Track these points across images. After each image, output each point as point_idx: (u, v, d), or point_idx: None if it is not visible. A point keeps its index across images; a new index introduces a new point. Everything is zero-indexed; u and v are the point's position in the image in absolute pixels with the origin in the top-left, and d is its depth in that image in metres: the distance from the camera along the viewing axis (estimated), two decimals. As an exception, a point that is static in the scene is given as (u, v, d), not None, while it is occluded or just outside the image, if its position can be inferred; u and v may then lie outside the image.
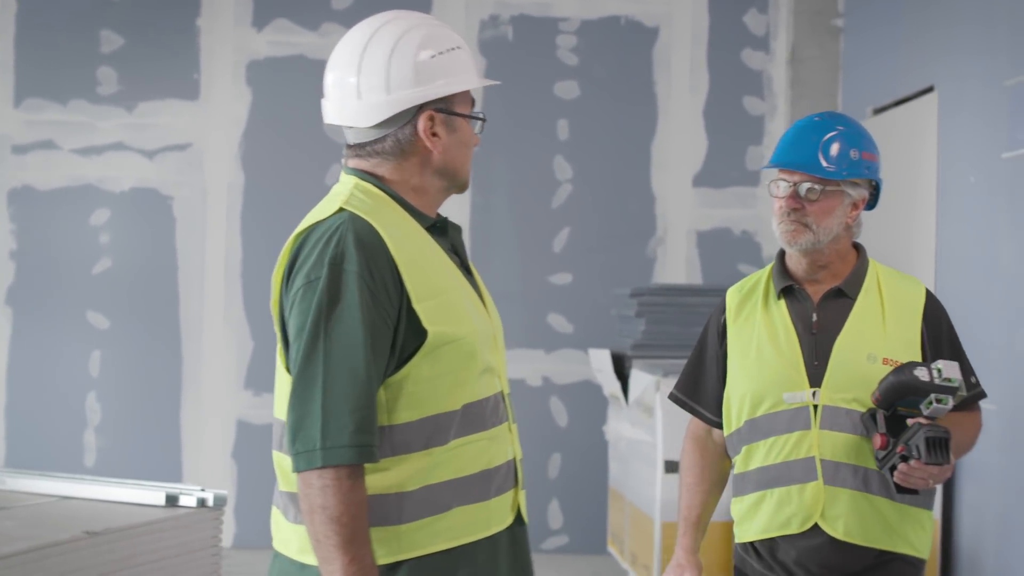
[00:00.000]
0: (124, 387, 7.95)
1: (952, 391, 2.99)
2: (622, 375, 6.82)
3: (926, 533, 3.21)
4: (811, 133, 3.24)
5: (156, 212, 7.98)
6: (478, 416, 2.51)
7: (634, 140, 8.02)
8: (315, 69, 7.87)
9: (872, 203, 3.30)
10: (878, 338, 3.19)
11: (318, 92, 2.70)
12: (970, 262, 5.74)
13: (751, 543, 3.27)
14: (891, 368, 3.12)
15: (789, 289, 3.28)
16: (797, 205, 3.19)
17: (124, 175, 8.00)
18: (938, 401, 2.99)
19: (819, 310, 3.24)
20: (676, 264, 8.00)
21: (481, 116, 2.64)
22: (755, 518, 3.23)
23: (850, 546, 3.14)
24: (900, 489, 3.03)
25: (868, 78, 7.30)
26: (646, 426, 6.32)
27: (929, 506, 3.22)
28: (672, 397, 3.49)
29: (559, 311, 7.98)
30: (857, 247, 3.33)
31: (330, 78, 2.59)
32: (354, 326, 2.37)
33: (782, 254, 3.32)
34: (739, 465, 3.30)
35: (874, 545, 3.14)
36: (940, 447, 2.94)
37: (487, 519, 2.52)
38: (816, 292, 3.26)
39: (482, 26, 8.00)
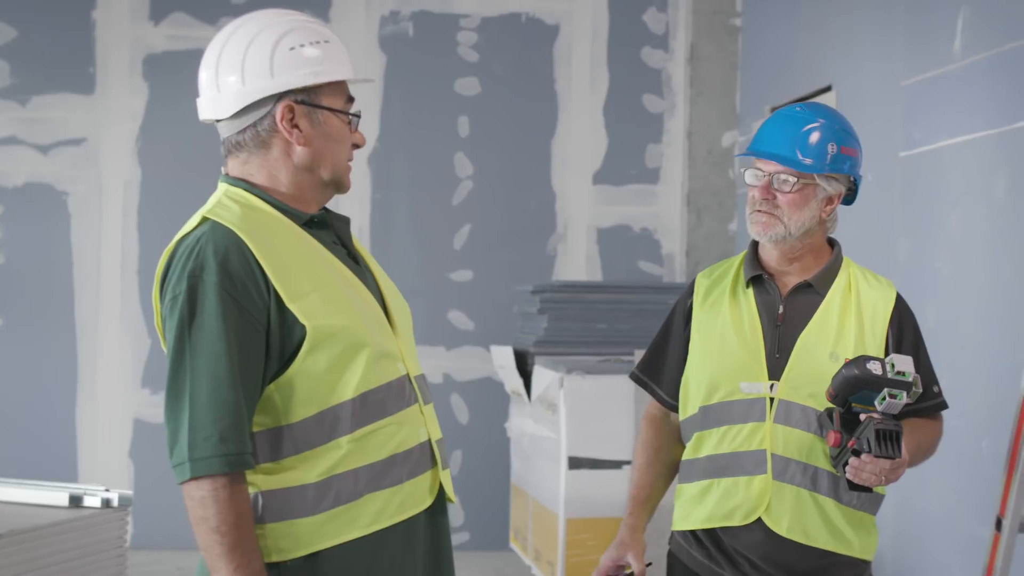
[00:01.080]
0: (18, 386, 7.81)
1: (906, 386, 2.90)
2: (524, 372, 6.83)
3: (871, 536, 3.16)
4: (790, 124, 3.15)
5: (50, 208, 7.85)
6: (379, 403, 2.52)
7: (535, 137, 8.05)
8: (214, 64, 7.85)
9: (850, 198, 3.24)
10: (843, 337, 3.13)
11: (216, 87, 2.68)
12: (867, 259, 5.81)
13: (693, 531, 3.18)
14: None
15: (758, 279, 3.20)
16: (769, 196, 3.10)
17: (17, 170, 7.86)
18: (891, 396, 2.89)
19: (786, 303, 3.16)
20: (577, 261, 8.03)
21: (350, 112, 2.63)
22: (700, 506, 3.16)
23: (792, 543, 3.07)
24: (852, 486, 2.95)
25: (766, 77, 7.39)
26: (549, 422, 6.33)
27: (874, 511, 3.15)
28: (633, 376, 3.41)
29: (460, 308, 7.98)
30: (832, 243, 3.27)
31: (200, 75, 2.62)
32: (215, 337, 2.39)
33: (755, 243, 3.24)
34: (689, 451, 3.22)
35: (815, 544, 3.08)
36: (890, 440, 2.87)
37: (401, 503, 2.53)
38: (785, 284, 3.19)
39: (382, 22, 7.97)
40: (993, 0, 4.86)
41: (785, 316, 3.15)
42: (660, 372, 3.34)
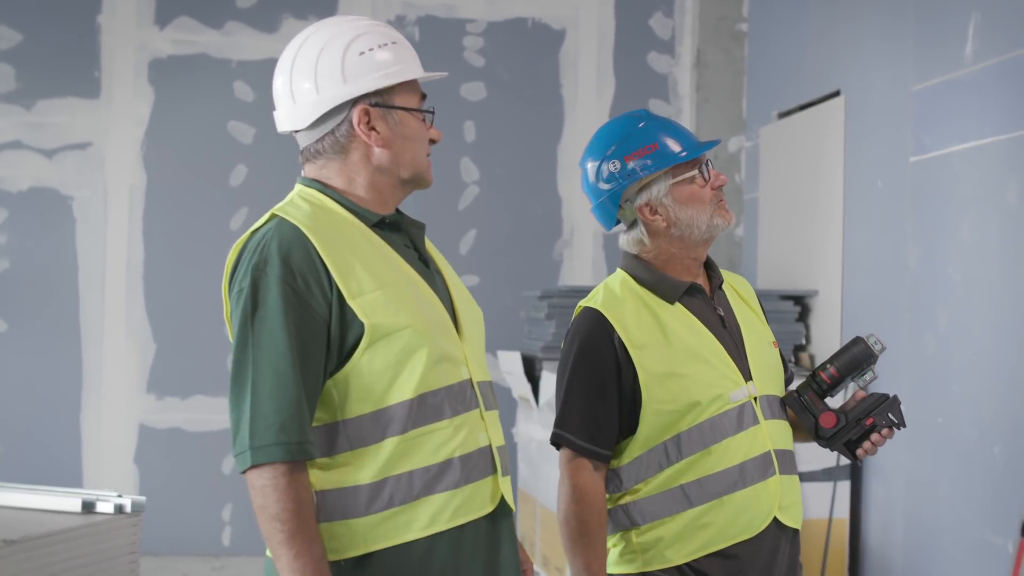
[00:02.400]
0: (23, 391, 7.79)
1: (876, 360, 3.12)
2: (532, 377, 6.82)
3: None
4: (675, 123, 3.18)
5: (56, 213, 7.84)
6: (438, 405, 2.54)
7: (541, 142, 8.04)
8: (219, 68, 7.87)
9: None
10: (761, 324, 3.19)
11: (222, 91, 2.76)
12: (877, 265, 5.82)
13: (687, 564, 3.00)
14: (777, 348, 3.18)
15: (689, 289, 3.09)
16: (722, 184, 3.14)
17: (22, 175, 7.85)
18: (872, 371, 3.10)
19: (718, 303, 3.13)
20: (583, 266, 8.03)
21: (425, 109, 2.67)
22: (697, 534, 3.00)
23: (791, 531, 3.08)
24: (854, 458, 3.12)
25: (773, 82, 7.38)
26: (557, 428, 6.31)
27: None
28: (574, 446, 3.01)
29: (466, 313, 7.96)
30: None
31: (274, 86, 2.68)
32: (277, 329, 2.43)
33: (639, 259, 3.12)
34: (657, 485, 3.02)
35: (798, 526, 3.11)
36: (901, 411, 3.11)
37: (458, 508, 2.54)
38: (707, 287, 3.14)
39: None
40: (1005, 5, 4.85)
41: (725, 317, 3.13)
42: (599, 430, 3.02)
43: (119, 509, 3.87)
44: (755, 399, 3.06)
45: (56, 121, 7.86)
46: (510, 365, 7.04)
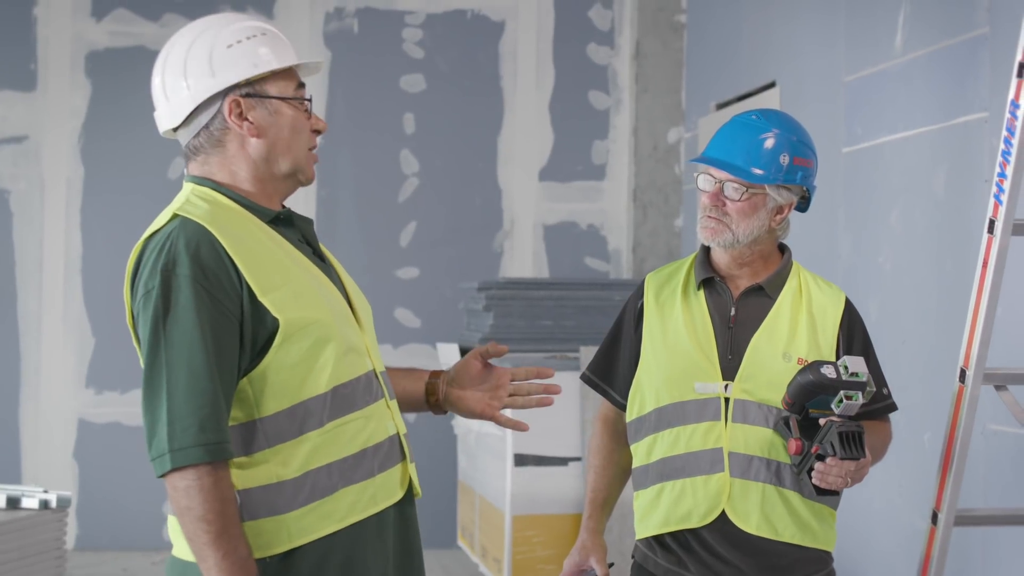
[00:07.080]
0: (-41, 386, 7.74)
1: (860, 386, 2.95)
2: (471, 369, 6.82)
3: (832, 529, 3.18)
4: (744, 132, 3.13)
5: (-8, 206, 7.78)
6: (349, 396, 2.56)
7: (481, 134, 8.04)
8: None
9: (804, 207, 3.22)
10: (795, 338, 3.14)
11: (159, 84, 2.70)
12: (811, 255, 5.85)
13: (654, 537, 3.18)
14: (804, 364, 3.09)
15: (709, 281, 3.20)
16: (718, 203, 3.11)
17: (-42, 168, 7.79)
18: (848, 398, 2.94)
19: (738, 305, 3.17)
20: (523, 258, 8.04)
21: (298, 97, 2.65)
22: (655, 511, 3.16)
23: (760, 539, 3.08)
24: (820, 491, 2.98)
25: (711, 73, 7.41)
26: (495, 419, 6.33)
27: (836, 506, 3.18)
28: (584, 378, 3.39)
29: (406, 306, 7.96)
30: (783, 249, 3.26)
31: (152, 88, 2.67)
32: (190, 328, 2.41)
33: (706, 246, 3.24)
34: (641, 456, 3.21)
35: (783, 539, 3.08)
36: (854, 442, 2.92)
37: (373, 496, 2.57)
38: (736, 287, 3.19)
39: (327, 19, 7.94)
40: (932, -3, 4.89)
41: (737, 318, 3.17)
42: (612, 373, 3.34)
43: (44, 505, 3.85)
44: (726, 399, 3.10)
45: (-9, 114, 7.79)
46: (449, 357, 7.05)
